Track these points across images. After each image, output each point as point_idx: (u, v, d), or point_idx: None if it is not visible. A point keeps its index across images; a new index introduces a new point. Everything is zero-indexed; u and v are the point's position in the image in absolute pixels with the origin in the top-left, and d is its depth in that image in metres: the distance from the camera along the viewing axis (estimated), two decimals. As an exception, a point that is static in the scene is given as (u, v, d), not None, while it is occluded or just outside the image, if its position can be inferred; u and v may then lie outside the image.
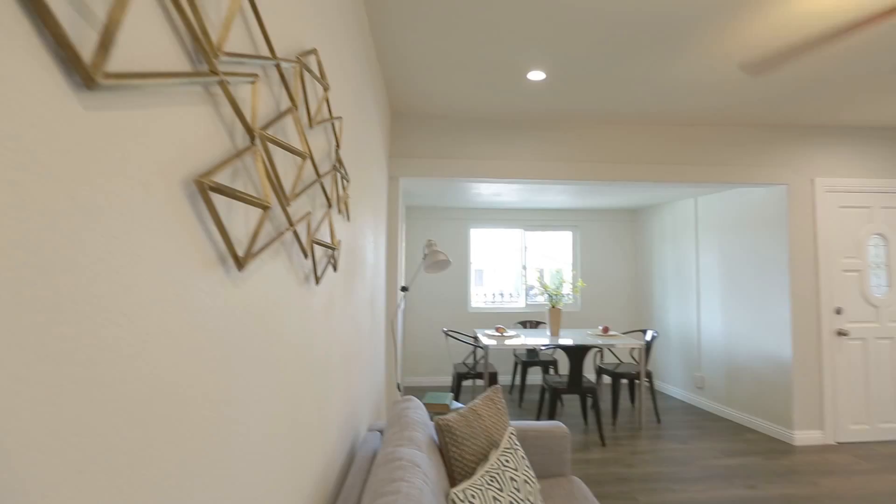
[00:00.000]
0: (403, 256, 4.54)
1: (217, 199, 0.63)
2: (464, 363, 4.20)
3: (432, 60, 2.56)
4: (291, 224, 0.91)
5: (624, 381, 5.52)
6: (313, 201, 1.17)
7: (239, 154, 0.67)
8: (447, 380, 5.48)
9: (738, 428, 3.90)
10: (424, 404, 2.35)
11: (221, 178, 0.64)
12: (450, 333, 4.03)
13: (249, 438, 0.77)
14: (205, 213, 0.60)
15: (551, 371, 4.92)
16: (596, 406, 3.50)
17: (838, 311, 3.62)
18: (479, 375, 4.03)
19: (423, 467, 1.26)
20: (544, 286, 4.26)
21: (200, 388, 0.60)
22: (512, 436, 1.68)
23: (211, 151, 0.62)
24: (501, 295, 5.81)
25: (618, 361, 4.80)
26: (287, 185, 0.91)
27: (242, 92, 0.71)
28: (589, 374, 5.68)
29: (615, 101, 3.12)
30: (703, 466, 3.10)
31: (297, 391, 1.05)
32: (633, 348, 4.65)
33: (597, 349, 5.08)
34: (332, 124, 1.35)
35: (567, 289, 5.58)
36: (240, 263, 0.68)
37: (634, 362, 4.64)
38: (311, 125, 1.08)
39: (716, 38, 2.27)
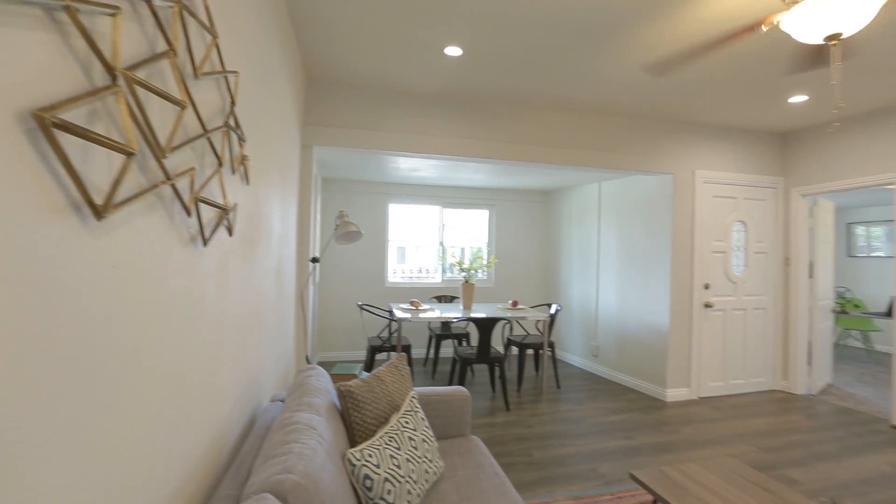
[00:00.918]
0: (318, 228, 4.40)
1: (67, 139, 0.58)
2: (378, 336, 4.23)
3: (349, 25, 2.47)
4: (169, 177, 0.85)
5: (530, 351, 5.94)
6: (201, 158, 1.11)
7: (96, 93, 0.61)
8: (363, 354, 5.49)
9: (625, 389, 4.40)
10: (332, 375, 2.35)
11: (73, 116, 0.59)
12: (364, 307, 4.03)
13: (112, 409, 0.73)
14: (49, 152, 0.55)
15: (464, 343, 5.13)
16: (502, 374, 3.74)
17: (706, 287, 4.19)
18: (394, 348, 4.09)
19: (318, 430, 1.28)
20: (459, 262, 4.39)
21: (51, 344, 0.56)
22: (413, 399, 1.75)
23: (58, 86, 0.57)
24: (420, 271, 5.89)
25: (525, 333, 5.14)
26: (162, 135, 0.85)
27: (101, 25, 0.65)
28: (500, 345, 6.01)
29: (527, 84, 3.25)
30: (591, 424, 3.47)
31: (180, 356, 1.00)
32: (538, 321, 4.99)
33: (505, 322, 5.36)
34: (226, 78, 1.27)
35: (483, 265, 5.81)
36: (98, 212, 0.63)
37: (539, 334, 5.00)
38: (196, 75, 1.01)
39: (621, 41, 2.46)
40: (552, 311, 4.42)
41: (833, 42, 1.50)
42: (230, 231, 1.36)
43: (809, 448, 3.06)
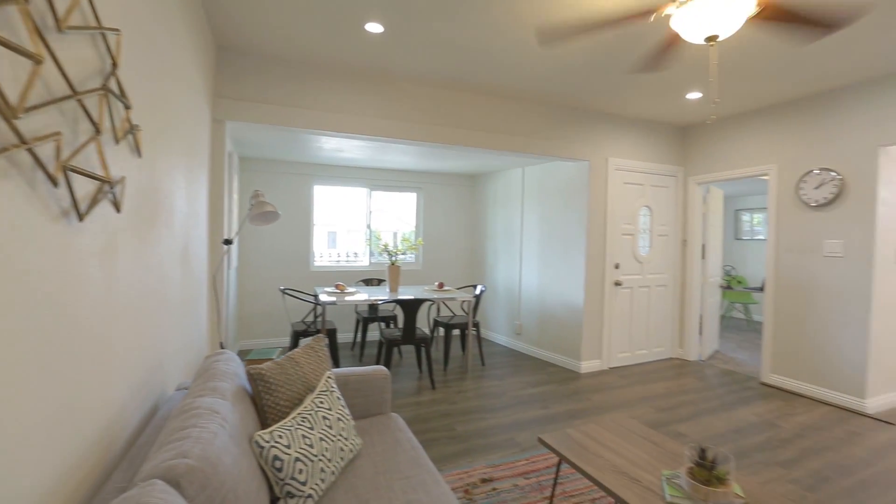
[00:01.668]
0: (235, 209, 4.14)
1: None
2: (302, 321, 4.11)
3: (258, -11, 2.31)
4: (24, 141, 0.76)
5: (456, 331, 6.10)
6: (73, 124, 1.00)
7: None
8: (287, 340, 5.31)
9: (545, 364, 4.68)
10: (248, 360, 2.26)
11: None
12: (287, 292, 3.89)
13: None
14: None
15: (391, 326, 5.15)
16: (428, 355, 3.81)
17: (616, 266, 4.54)
18: (319, 333, 4.00)
19: (222, 413, 1.24)
20: (385, 245, 4.37)
21: None
22: (329, 379, 1.74)
23: None
24: (349, 255, 5.78)
25: (451, 314, 5.26)
26: (13, 92, 0.75)
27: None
28: (427, 327, 6.10)
29: (449, 68, 3.26)
30: (512, 397, 3.66)
31: (46, 340, 0.91)
32: (464, 301, 5.12)
33: (431, 303, 5.45)
34: (104, 36, 1.14)
35: (409, 246, 5.82)
36: (-78, 175, 0.55)
37: (465, 314, 5.14)
38: (60, 28, 0.90)
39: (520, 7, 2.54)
40: (477, 291, 4.56)
41: (712, 43, 1.67)
42: (117, 207, 1.25)
43: (695, 406, 3.48)
